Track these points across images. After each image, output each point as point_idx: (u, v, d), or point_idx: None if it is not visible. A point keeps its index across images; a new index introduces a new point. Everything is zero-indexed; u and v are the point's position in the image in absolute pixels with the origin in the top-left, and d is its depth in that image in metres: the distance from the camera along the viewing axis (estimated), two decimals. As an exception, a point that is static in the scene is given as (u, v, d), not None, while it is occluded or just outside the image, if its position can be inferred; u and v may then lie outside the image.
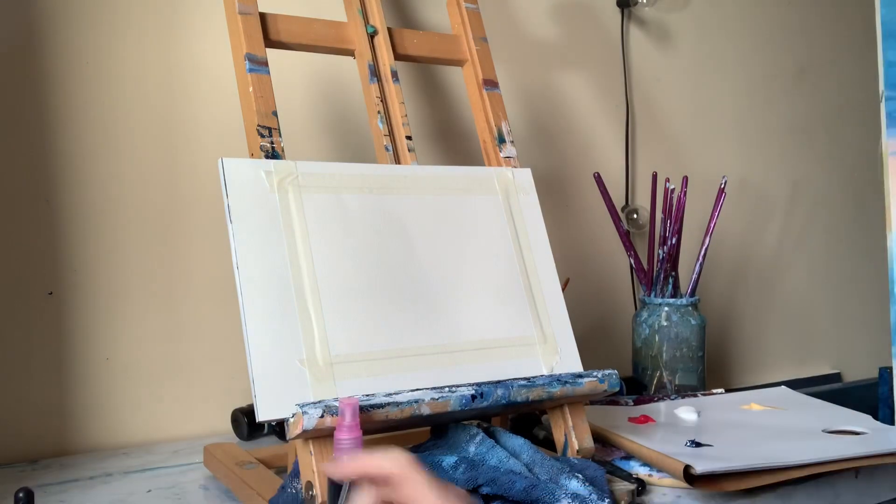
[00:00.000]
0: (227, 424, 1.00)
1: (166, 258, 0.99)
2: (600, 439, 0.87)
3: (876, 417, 0.98)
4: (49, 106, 0.93)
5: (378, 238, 0.77)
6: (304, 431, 0.63)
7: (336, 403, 0.64)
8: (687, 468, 0.75)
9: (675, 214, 1.18)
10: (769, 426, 0.95)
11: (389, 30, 0.90)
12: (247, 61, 0.78)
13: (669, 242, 1.17)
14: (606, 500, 0.68)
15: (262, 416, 0.66)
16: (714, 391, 1.13)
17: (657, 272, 1.18)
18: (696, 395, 1.11)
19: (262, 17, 0.82)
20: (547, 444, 0.87)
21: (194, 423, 1.00)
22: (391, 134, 0.86)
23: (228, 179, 0.72)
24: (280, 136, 0.77)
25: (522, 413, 0.95)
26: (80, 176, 0.95)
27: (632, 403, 1.05)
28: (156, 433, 0.98)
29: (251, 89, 0.77)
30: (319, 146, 1.08)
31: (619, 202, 1.32)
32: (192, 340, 1.01)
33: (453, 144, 1.19)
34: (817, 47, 1.60)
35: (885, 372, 1.08)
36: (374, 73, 0.87)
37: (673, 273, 1.17)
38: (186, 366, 1.00)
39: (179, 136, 1.00)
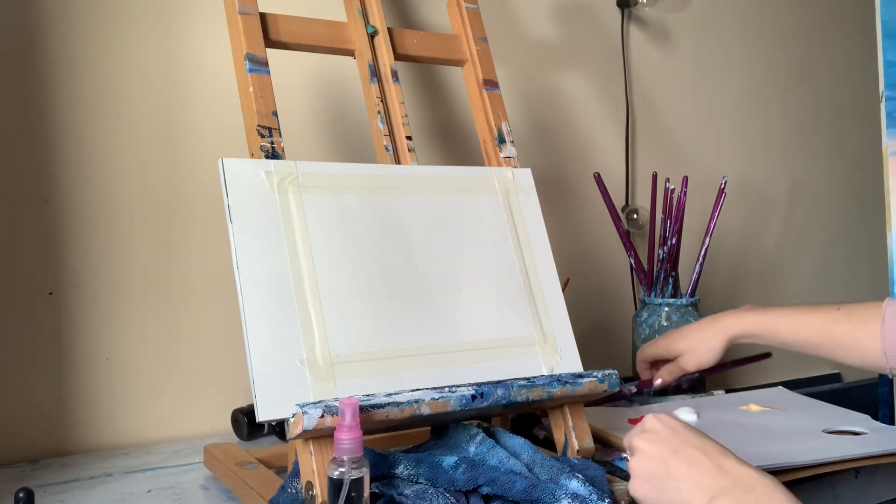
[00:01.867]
0: (227, 424, 1.00)
1: (166, 258, 0.99)
2: (600, 440, 0.87)
3: (876, 417, 0.98)
4: (49, 106, 0.93)
5: (378, 238, 0.77)
6: (305, 431, 0.63)
7: (336, 403, 0.64)
8: None
9: (675, 214, 1.18)
10: (769, 427, 0.95)
11: (389, 30, 0.90)
12: (247, 61, 0.78)
13: (669, 242, 1.17)
14: (606, 500, 0.68)
15: (262, 416, 0.66)
16: (714, 392, 1.13)
17: (657, 272, 1.18)
18: (693, 396, 1.11)
19: (262, 17, 0.82)
20: (547, 444, 0.87)
21: (194, 423, 1.00)
22: (391, 134, 0.86)
23: (229, 179, 0.72)
24: (280, 136, 0.77)
25: (522, 413, 0.95)
26: (80, 176, 0.95)
27: (634, 389, 1.04)
28: (156, 433, 0.98)
29: (251, 89, 0.77)
30: (319, 146, 1.08)
31: (619, 202, 1.32)
32: (193, 340, 1.01)
33: (453, 144, 1.19)
34: (817, 47, 1.60)
35: (885, 372, 1.08)
36: (374, 73, 0.87)
37: (673, 273, 1.17)
38: (186, 366, 1.00)
39: (180, 136, 1.00)
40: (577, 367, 0.82)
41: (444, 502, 0.66)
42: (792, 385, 1.18)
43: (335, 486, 0.60)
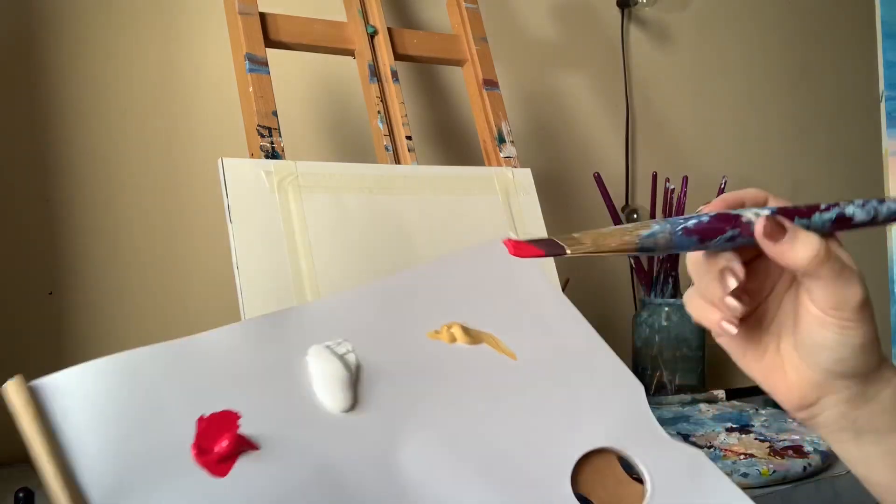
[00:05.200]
0: (227, 424, 1.00)
1: (166, 258, 0.99)
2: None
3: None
4: (49, 106, 0.93)
5: (378, 238, 0.77)
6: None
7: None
8: None
9: (675, 214, 1.17)
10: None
11: (389, 30, 0.90)
12: (247, 61, 0.78)
13: (669, 242, 1.17)
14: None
15: (262, 416, 0.66)
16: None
17: (657, 272, 1.18)
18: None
19: (262, 17, 0.82)
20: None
21: (194, 423, 1.00)
22: (391, 134, 0.86)
23: (228, 179, 0.72)
24: (280, 136, 0.77)
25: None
26: (80, 176, 0.95)
27: None
28: (156, 433, 0.98)
29: (251, 89, 0.77)
30: (319, 146, 1.08)
31: (619, 202, 1.32)
32: (192, 340, 1.01)
33: (453, 144, 1.19)
34: (817, 47, 1.60)
35: (885, 372, 1.08)
36: (374, 73, 0.87)
37: (673, 273, 1.17)
38: (186, 366, 1.00)
39: (179, 136, 1.00)
40: (577, 367, 0.81)
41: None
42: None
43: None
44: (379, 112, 0.86)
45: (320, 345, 0.51)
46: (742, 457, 0.82)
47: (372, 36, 0.88)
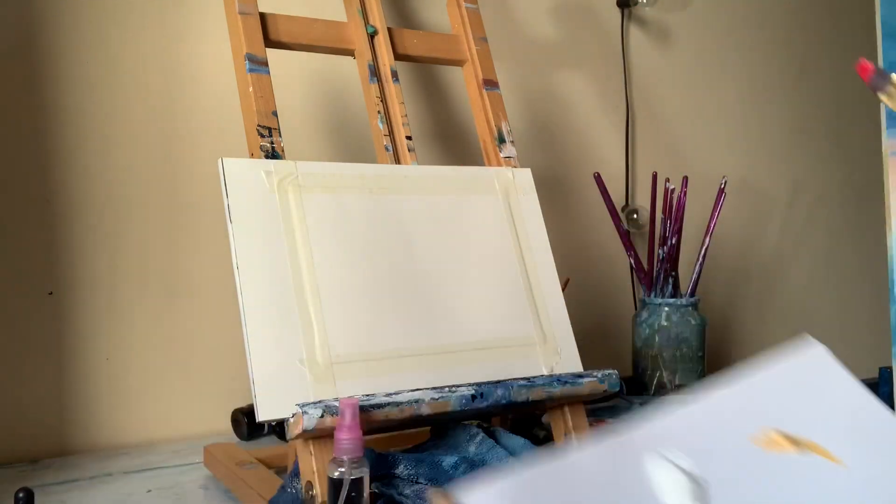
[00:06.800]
0: (227, 424, 1.00)
1: (166, 258, 0.99)
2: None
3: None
4: (49, 106, 0.93)
5: (378, 238, 0.77)
6: (305, 431, 0.63)
7: (336, 403, 0.64)
8: None
9: (675, 214, 1.17)
10: None
11: (389, 30, 0.90)
12: (247, 61, 0.78)
13: (669, 242, 1.17)
14: (606, 501, 0.68)
15: (262, 416, 0.66)
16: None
17: (657, 272, 1.18)
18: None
19: (262, 17, 0.82)
20: (547, 444, 0.86)
21: (194, 423, 1.00)
22: (391, 134, 0.86)
23: (228, 179, 0.72)
24: (280, 136, 0.77)
25: (523, 413, 0.95)
26: (80, 176, 0.95)
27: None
28: (156, 433, 0.98)
29: (251, 89, 0.77)
30: (319, 146, 1.08)
31: (619, 202, 1.32)
32: (193, 340, 1.01)
33: (453, 144, 1.19)
34: (817, 47, 1.60)
35: (886, 372, 1.08)
36: (374, 73, 0.87)
37: (673, 273, 1.17)
38: (187, 366, 1.00)
39: (179, 136, 1.00)
40: (577, 367, 0.82)
41: (444, 502, 0.66)
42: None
43: (335, 485, 0.60)
44: (379, 112, 0.86)
45: (665, 458, 0.53)
46: (742, 457, 0.82)
47: (372, 36, 0.88)
